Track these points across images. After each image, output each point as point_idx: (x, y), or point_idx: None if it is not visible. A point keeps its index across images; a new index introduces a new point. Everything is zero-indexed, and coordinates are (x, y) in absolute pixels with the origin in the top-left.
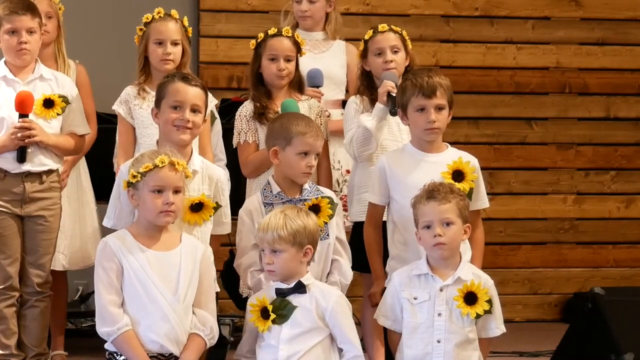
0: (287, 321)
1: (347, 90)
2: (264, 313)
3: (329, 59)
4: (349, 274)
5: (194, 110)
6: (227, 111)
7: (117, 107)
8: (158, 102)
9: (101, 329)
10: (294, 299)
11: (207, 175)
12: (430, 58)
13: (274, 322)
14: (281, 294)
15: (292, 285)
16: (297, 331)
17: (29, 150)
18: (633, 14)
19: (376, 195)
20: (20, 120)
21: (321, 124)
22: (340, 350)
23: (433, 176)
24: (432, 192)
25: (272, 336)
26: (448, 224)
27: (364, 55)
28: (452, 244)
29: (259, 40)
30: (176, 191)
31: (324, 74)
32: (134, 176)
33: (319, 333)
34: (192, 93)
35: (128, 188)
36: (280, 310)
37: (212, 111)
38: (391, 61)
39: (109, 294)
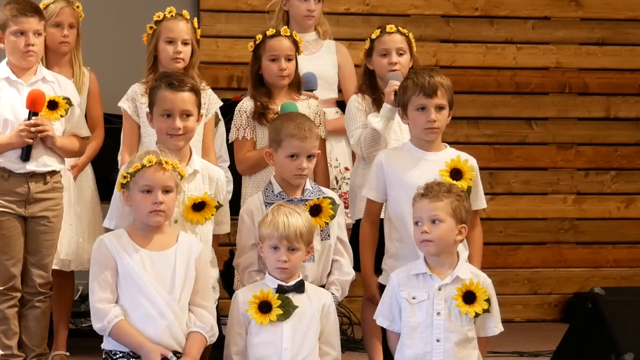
0: (289, 320)
1: (339, 90)
2: (264, 307)
3: (321, 59)
4: (350, 274)
5: (185, 114)
6: (227, 111)
7: (123, 104)
8: (151, 107)
9: (96, 326)
10: (292, 297)
11: (208, 175)
12: (430, 58)
13: (277, 317)
14: (282, 291)
15: (293, 283)
16: (299, 330)
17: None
18: (633, 14)
19: (373, 191)
20: (33, 118)
21: (320, 123)
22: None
23: (431, 174)
24: (426, 190)
25: (274, 334)
26: (436, 222)
27: (368, 54)
28: (440, 242)
29: (257, 42)
30: (166, 191)
31: (317, 75)
32: (124, 177)
33: (316, 332)
34: (179, 99)
35: (122, 189)
36: (283, 307)
37: (215, 113)
38: (396, 63)
39: (103, 292)
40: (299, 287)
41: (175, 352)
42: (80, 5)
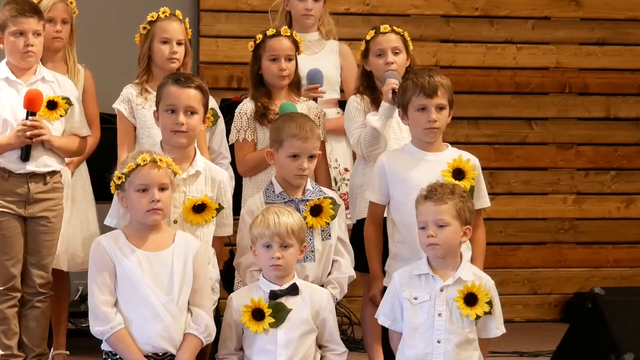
0: (283, 324)
1: (341, 90)
2: (257, 315)
3: (323, 60)
4: (349, 273)
5: (190, 112)
6: (227, 111)
7: (118, 106)
8: (157, 105)
9: (95, 328)
10: (286, 300)
11: (210, 176)
12: (430, 58)
13: (270, 325)
14: (275, 295)
15: (286, 286)
16: (294, 334)
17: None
18: (633, 14)
19: (376, 193)
20: (30, 118)
21: (320, 125)
22: (320, 347)
23: (433, 175)
24: (430, 192)
25: (268, 340)
26: (442, 226)
27: (364, 55)
28: (446, 245)
29: (257, 42)
30: (162, 188)
31: None
32: (119, 178)
33: (312, 333)
34: (185, 95)
35: (117, 191)
36: (275, 313)
37: (214, 109)
38: (392, 62)
39: (102, 294)
40: (293, 291)
41: (171, 355)
42: (74, 1)
